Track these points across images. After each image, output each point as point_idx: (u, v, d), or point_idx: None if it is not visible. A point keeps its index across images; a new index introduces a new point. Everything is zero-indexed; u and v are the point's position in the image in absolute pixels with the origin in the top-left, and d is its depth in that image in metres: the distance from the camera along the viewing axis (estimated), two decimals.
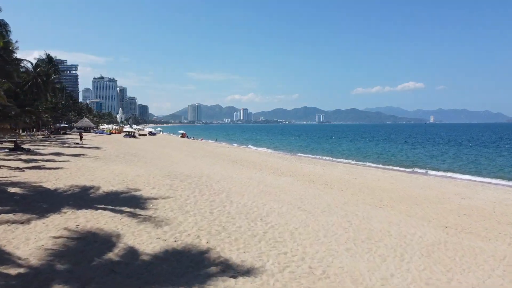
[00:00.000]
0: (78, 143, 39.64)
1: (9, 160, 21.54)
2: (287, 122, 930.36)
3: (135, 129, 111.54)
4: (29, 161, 21.07)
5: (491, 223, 12.23)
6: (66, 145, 37.99)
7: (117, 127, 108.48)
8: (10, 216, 9.11)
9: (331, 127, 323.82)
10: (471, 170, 31.21)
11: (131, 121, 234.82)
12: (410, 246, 9.42)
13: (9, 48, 43.14)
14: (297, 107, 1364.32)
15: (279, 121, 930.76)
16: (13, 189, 12.41)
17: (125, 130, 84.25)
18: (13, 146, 28.56)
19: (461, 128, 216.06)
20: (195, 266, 6.82)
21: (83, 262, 6.52)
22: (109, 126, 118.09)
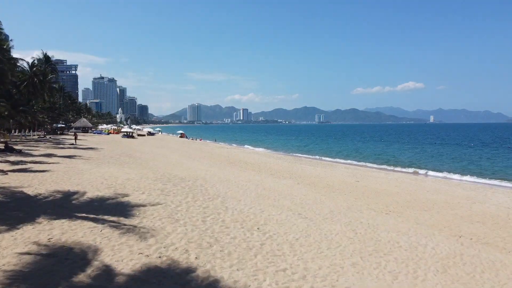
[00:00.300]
0: (72, 144, 38.68)
1: None
2: (287, 122, 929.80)
3: (134, 129, 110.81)
4: (17, 163, 20.12)
5: (509, 232, 11.29)
6: (60, 146, 37.01)
7: (116, 127, 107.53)
8: None
9: (331, 127, 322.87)
10: (475, 171, 30.43)
11: (129, 121, 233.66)
12: (423, 260, 8.49)
13: (3, 46, 42.25)
14: (297, 107, 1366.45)
15: (279, 121, 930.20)
16: None
17: (123, 130, 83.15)
18: (3, 147, 27.58)
19: (462, 128, 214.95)
20: None
21: (48, 286, 5.57)
22: (108, 126, 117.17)
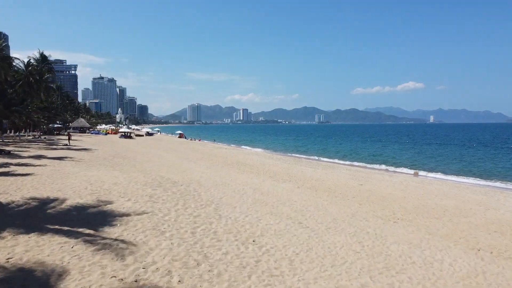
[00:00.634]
0: (66, 145, 37.59)
1: None
2: (287, 122, 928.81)
3: (133, 129, 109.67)
4: (1, 165, 19.03)
5: None
6: (53, 146, 35.91)
7: (114, 128, 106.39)
8: None
9: (331, 127, 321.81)
10: (479, 173, 29.56)
11: (128, 121, 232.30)
12: (441, 280, 7.42)
13: None
14: (297, 107, 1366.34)
15: (279, 121, 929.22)
16: None
17: (120, 130, 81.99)
18: None
19: (462, 128, 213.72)
20: None
21: None
22: (106, 126, 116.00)
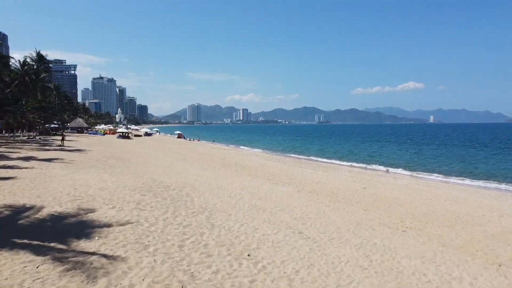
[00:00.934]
0: (59, 145, 36.59)
1: None
2: (287, 122, 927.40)
3: (132, 129, 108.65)
4: None
5: None
6: (46, 147, 34.90)
7: (112, 128, 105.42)
8: None
9: (331, 127, 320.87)
10: (484, 175, 28.61)
11: (126, 121, 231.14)
12: None
13: None
14: (297, 107, 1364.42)
15: (279, 121, 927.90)
16: None
17: (118, 130, 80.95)
18: None
19: (462, 128, 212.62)
20: None
21: None
22: (104, 126, 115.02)
